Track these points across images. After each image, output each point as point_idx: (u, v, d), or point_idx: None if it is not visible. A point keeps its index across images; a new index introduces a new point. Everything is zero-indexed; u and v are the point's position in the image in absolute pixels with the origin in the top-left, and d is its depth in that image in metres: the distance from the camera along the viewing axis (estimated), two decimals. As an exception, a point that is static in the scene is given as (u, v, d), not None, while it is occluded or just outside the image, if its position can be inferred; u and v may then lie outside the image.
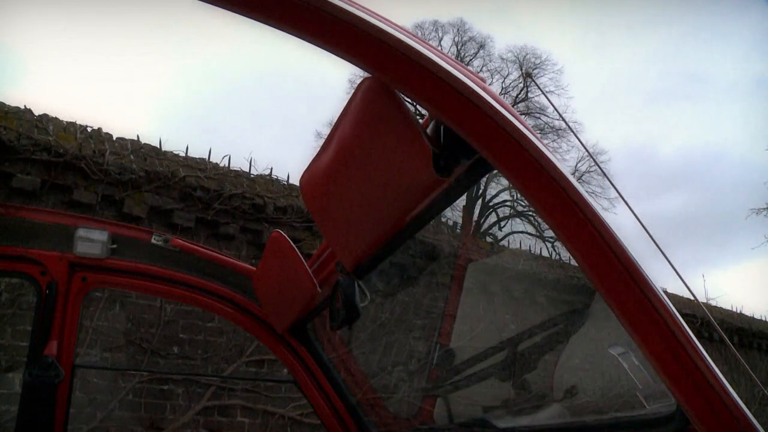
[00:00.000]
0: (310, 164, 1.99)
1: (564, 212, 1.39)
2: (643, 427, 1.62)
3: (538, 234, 24.47)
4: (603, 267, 1.38)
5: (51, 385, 2.75)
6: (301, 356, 3.16)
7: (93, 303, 6.56)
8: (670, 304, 1.37)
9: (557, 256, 12.97)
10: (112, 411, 6.61)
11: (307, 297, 2.64)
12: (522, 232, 25.25)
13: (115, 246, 3.00)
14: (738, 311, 14.48)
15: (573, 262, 10.68)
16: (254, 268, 3.07)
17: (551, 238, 22.95)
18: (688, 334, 1.36)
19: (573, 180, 1.39)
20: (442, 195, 1.70)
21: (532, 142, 1.38)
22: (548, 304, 9.20)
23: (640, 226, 1.73)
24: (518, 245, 14.05)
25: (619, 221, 1.41)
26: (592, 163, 24.19)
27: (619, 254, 1.37)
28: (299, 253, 2.59)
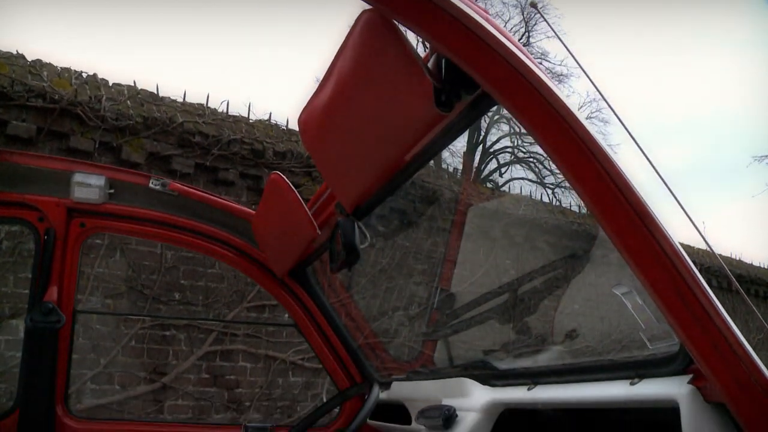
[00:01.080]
0: (308, 102, 1.94)
1: (568, 146, 1.35)
2: (646, 366, 1.61)
3: (538, 180, 24.42)
4: (608, 203, 1.34)
5: (52, 330, 2.75)
6: (302, 300, 3.16)
7: (93, 250, 6.56)
8: (677, 243, 1.35)
9: (557, 203, 12.95)
10: (115, 357, 6.67)
11: (307, 239, 2.62)
12: (522, 178, 25.19)
13: (112, 191, 2.96)
14: (737, 258, 14.53)
15: (574, 208, 10.70)
16: (253, 212, 3.04)
17: (552, 185, 22.93)
18: (694, 273, 1.33)
19: (577, 113, 1.35)
20: (444, 131, 1.66)
21: (536, 75, 1.34)
22: (549, 250, 9.20)
23: (647, 172, 1.68)
24: (519, 191, 14.02)
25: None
26: (594, 109, 23.92)
27: (625, 191, 1.33)
28: (298, 195, 2.56)
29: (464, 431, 2.18)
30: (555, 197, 19.20)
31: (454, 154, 19.89)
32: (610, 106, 1.67)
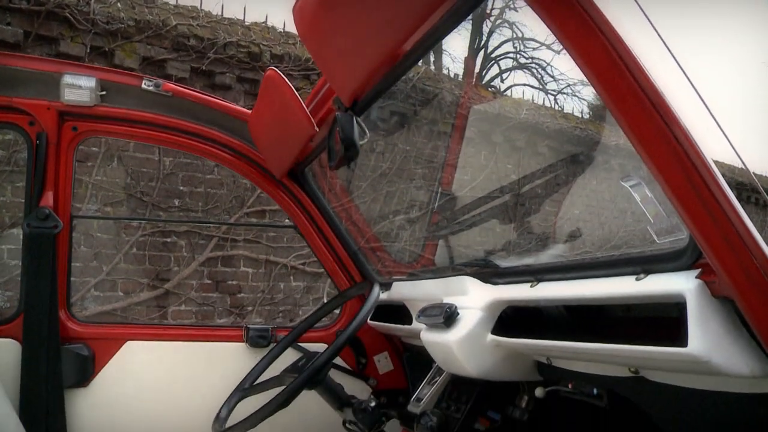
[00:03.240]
0: None
1: (576, 23, 1.26)
2: (653, 261, 1.57)
3: (541, 87, 24.07)
4: (617, 85, 1.27)
5: (50, 236, 2.74)
6: (301, 201, 3.12)
7: (90, 158, 6.50)
8: (689, 130, 1.28)
9: (559, 108, 12.79)
10: (117, 264, 6.72)
11: (305, 137, 2.55)
12: (525, 84, 24.82)
13: (104, 93, 2.88)
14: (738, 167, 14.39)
15: (576, 113, 10.56)
16: (250, 112, 2.96)
17: (554, 91, 22.60)
18: (707, 161, 1.27)
19: None
20: (446, 17, 1.57)
21: None
22: (550, 155, 9.14)
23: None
24: (521, 96, 13.82)
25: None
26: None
27: (636, 73, 1.26)
28: (295, 91, 2.47)
29: (466, 329, 2.17)
30: (557, 104, 18.97)
31: (455, 60, 19.54)
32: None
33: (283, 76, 2.53)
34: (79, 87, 2.82)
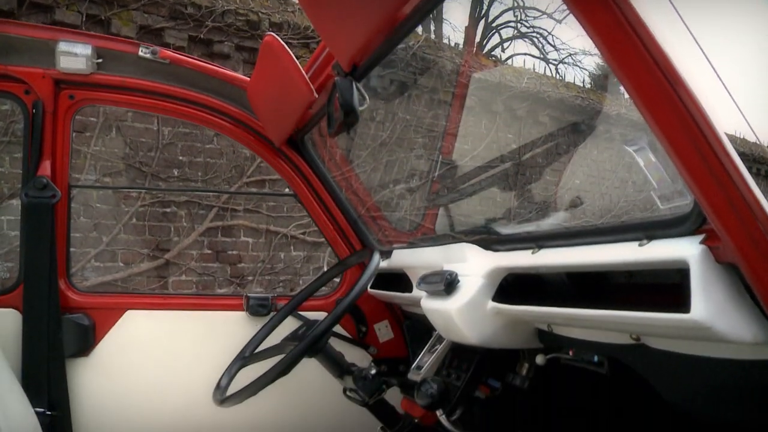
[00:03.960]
0: None
1: None
2: (656, 227, 1.55)
3: (542, 56, 23.89)
4: (622, 44, 1.23)
5: (48, 205, 2.73)
6: (301, 169, 3.10)
7: (88, 128, 6.46)
8: (695, 94, 1.25)
9: (561, 77, 12.71)
10: (117, 235, 6.72)
11: (304, 104, 2.52)
12: (526, 54, 24.62)
13: (100, 60, 2.85)
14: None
15: (578, 82, 10.48)
16: (248, 79, 2.93)
17: (555, 60, 22.43)
18: (713, 124, 1.25)
19: None
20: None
21: None
22: (552, 124, 9.09)
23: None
24: (522, 65, 13.71)
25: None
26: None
27: (641, 32, 1.22)
28: (294, 57, 2.44)
29: (466, 296, 2.16)
30: (558, 73, 18.86)
31: (455, 29, 19.37)
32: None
33: (281, 41, 2.49)
34: (74, 54, 2.79)
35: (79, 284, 3.73)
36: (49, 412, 2.67)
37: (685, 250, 1.40)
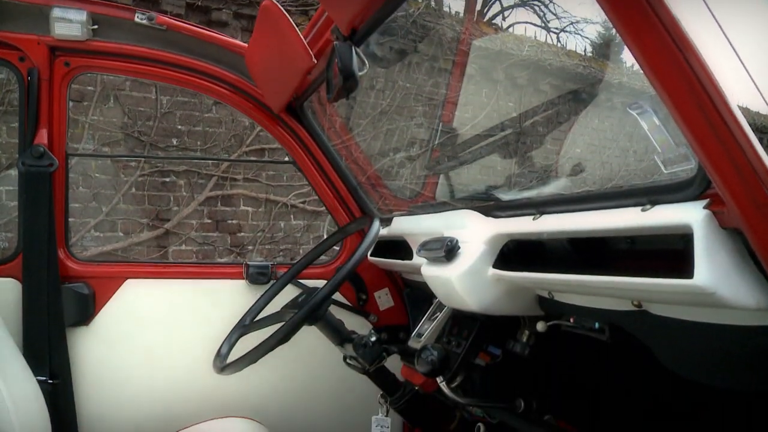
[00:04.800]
0: None
1: None
2: (659, 192, 1.53)
3: (543, 25, 23.66)
4: (627, 7, 1.20)
5: (45, 174, 2.73)
6: (300, 136, 3.07)
7: (86, 98, 6.43)
8: (702, 57, 1.22)
9: (562, 46, 12.58)
10: (117, 205, 6.71)
11: (303, 70, 2.49)
12: (527, 22, 24.39)
13: (96, 27, 2.82)
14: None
15: (579, 50, 10.41)
16: (246, 45, 2.90)
17: (556, 29, 22.21)
18: (718, 86, 1.22)
19: None
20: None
21: None
22: (552, 92, 9.03)
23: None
24: (523, 32, 13.57)
25: None
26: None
27: None
28: (292, 22, 2.40)
29: (467, 263, 2.14)
30: (560, 42, 18.67)
31: (455, -2, 19.12)
32: None
33: (280, 6, 2.45)
34: (69, 21, 2.75)
35: (79, 254, 3.73)
36: (51, 381, 2.69)
37: (689, 215, 1.38)
